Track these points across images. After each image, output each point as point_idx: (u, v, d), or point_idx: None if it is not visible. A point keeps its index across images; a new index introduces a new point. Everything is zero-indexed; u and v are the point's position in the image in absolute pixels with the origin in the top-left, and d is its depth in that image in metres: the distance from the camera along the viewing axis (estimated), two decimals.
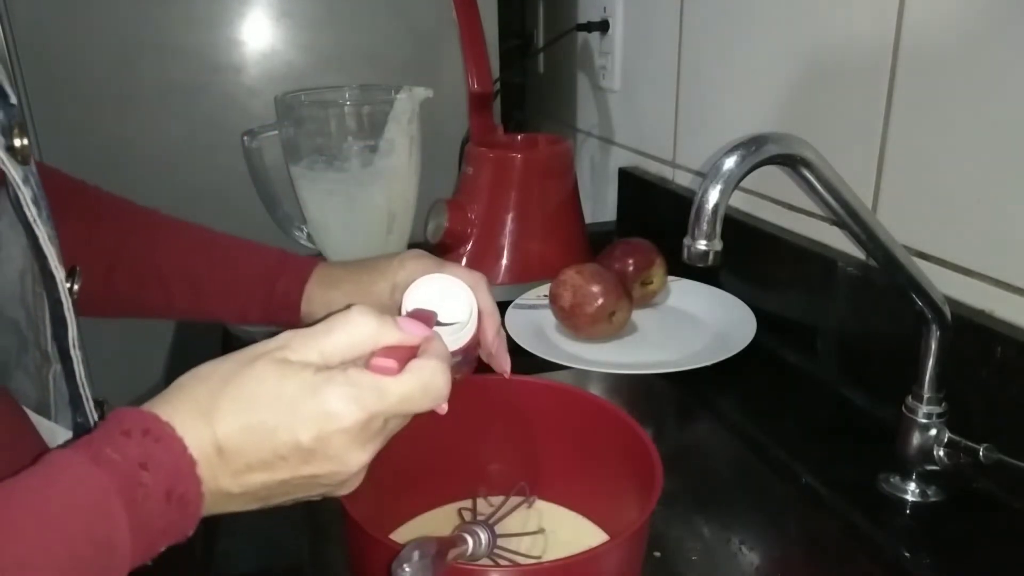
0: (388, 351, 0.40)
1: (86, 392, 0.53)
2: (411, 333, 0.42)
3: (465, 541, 0.49)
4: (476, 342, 0.56)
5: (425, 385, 0.40)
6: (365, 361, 0.40)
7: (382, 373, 0.39)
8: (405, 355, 0.41)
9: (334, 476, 0.39)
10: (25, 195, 0.46)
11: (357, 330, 0.40)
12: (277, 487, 0.39)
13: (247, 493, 0.38)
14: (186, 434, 0.36)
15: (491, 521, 0.54)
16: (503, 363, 0.59)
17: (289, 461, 0.38)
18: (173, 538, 0.36)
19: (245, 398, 0.38)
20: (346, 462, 0.39)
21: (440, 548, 0.41)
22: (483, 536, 0.50)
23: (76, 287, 0.51)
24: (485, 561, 0.51)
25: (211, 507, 0.38)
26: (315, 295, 0.63)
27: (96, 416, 0.54)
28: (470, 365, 0.58)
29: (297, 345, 0.40)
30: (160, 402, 0.38)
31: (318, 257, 0.67)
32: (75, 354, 0.51)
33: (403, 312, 0.51)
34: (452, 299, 0.52)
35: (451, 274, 0.54)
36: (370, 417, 0.38)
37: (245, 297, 0.65)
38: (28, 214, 0.46)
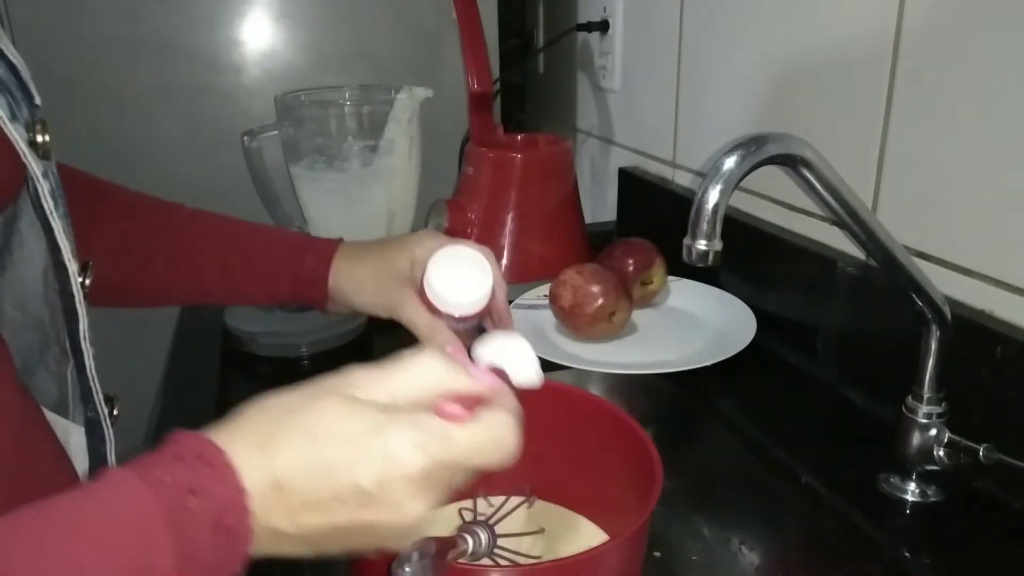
0: (457, 398, 0.39)
1: (96, 385, 0.54)
2: (482, 382, 0.40)
3: (465, 541, 0.49)
4: (487, 309, 0.61)
5: (494, 438, 0.38)
6: (434, 406, 0.38)
7: (451, 420, 0.37)
8: (474, 403, 0.39)
9: (391, 526, 0.37)
10: (44, 188, 0.47)
11: (426, 373, 0.39)
12: (331, 532, 0.37)
13: (300, 535, 0.36)
14: (241, 464, 0.34)
15: (491, 521, 0.54)
16: (510, 327, 0.64)
17: (346, 504, 0.36)
18: (219, 574, 0.34)
19: (306, 432, 0.36)
20: (405, 511, 0.36)
21: (440, 548, 0.41)
22: (483, 536, 0.50)
23: (88, 281, 0.53)
24: (485, 561, 0.51)
25: (262, 546, 0.35)
26: (341, 270, 0.67)
27: (106, 411, 0.55)
28: (477, 330, 0.64)
29: (365, 383, 0.38)
30: (219, 429, 0.36)
31: (338, 239, 0.71)
32: (86, 347, 0.52)
33: (426, 273, 0.59)
34: (472, 266, 0.59)
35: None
36: (434, 465, 0.36)
37: (276, 275, 0.68)
38: (45, 206, 0.48)
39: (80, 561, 0.31)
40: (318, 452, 0.35)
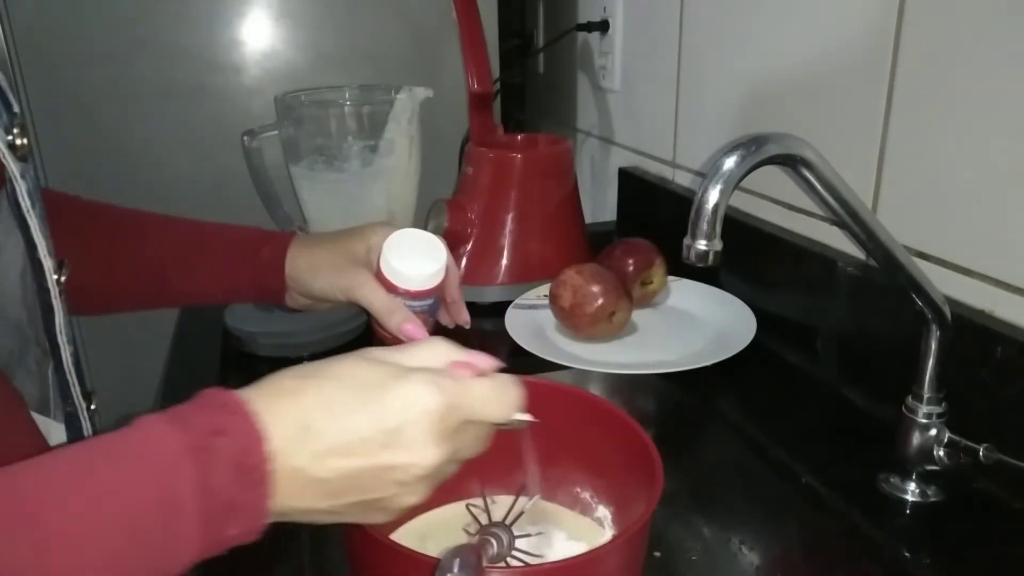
0: (464, 366, 0.43)
1: (73, 379, 0.55)
2: (480, 359, 0.44)
3: (491, 545, 0.49)
4: (442, 289, 0.66)
5: (501, 390, 0.42)
6: (445, 367, 0.43)
7: (460, 373, 0.42)
8: (476, 372, 0.44)
9: (409, 470, 0.39)
10: (21, 187, 0.49)
11: (435, 347, 0.43)
12: (353, 477, 0.39)
13: (322, 481, 0.38)
14: (263, 410, 0.37)
15: (507, 522, 0.54)
16: (463, 312, 0.70)
17: (369, 445, 0.38)
18: (242, 522, 0.36)
19: (333, 378, 0.39)
20: (423, 454, 0.39)
21: (477, 556, 0.42)
22: (504, 538, 0.50)
23: (63, 278, 0.54)
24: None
25: (285, 494, 0.37)
26: (298, 256, 0.69)
27: (85, 405, 0.55)
28: (435, 314, 0.68)
29: (381, 353, 0.43)
30: (248, 387, 0.39)
31: (294, 231, 0.73)
32: (62, 341, 0.53)
33: (383, 252, 0.63)
34: (426, 244, 0.64)
35: None
36: (449, 406, 0.40)
37: (234, 269, 0.70)
38: (23, 204, 0.49)
39: (109, 486, 0.33)
40: (344, 394, 0.39)
